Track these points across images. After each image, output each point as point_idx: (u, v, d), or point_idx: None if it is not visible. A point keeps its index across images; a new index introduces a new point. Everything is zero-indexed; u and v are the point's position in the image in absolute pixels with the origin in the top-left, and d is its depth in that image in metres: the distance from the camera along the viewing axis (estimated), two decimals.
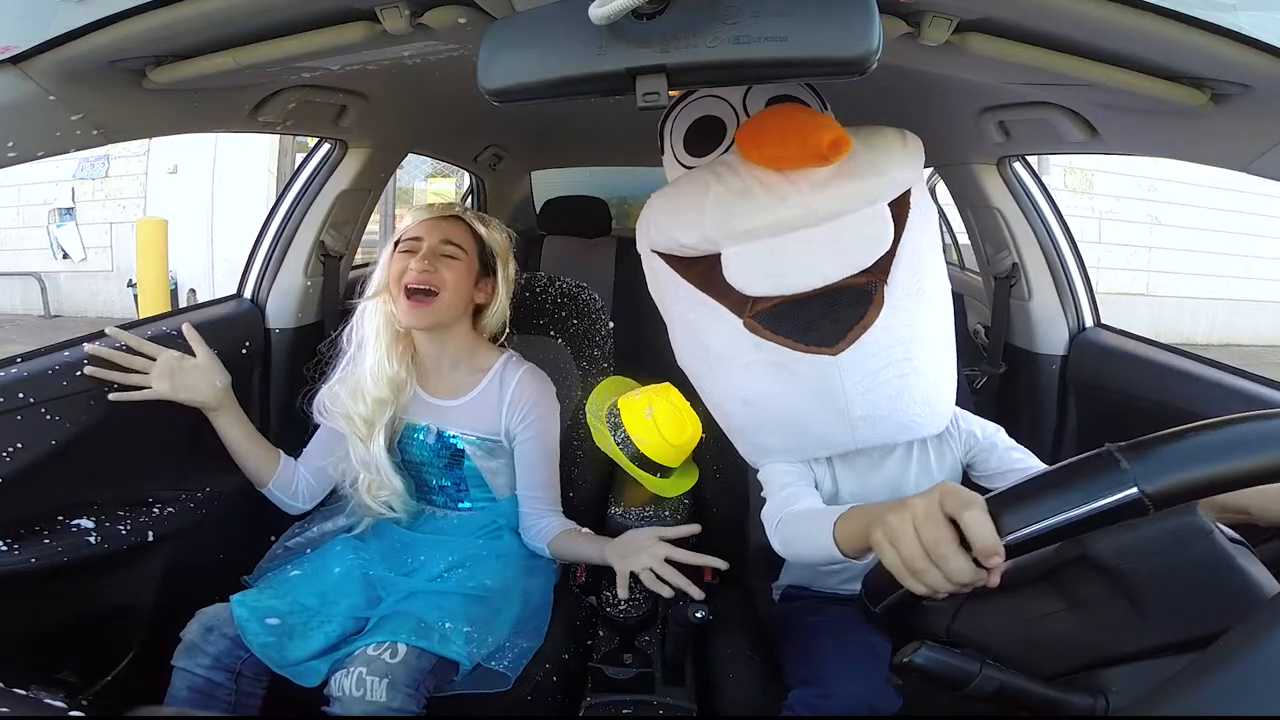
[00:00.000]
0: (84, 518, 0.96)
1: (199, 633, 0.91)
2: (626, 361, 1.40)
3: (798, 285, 0.80)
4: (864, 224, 0.79)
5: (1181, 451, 0.46)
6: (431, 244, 1.05)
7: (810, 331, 0.81)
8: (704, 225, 0.82)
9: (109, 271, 6.20)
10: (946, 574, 0.52)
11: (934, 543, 0.52)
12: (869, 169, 0.79)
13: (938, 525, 0.52)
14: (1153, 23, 0.57)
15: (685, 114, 0.94)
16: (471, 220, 1.12)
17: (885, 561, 0.56)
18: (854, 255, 0.80)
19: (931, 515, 0.53)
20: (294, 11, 0.67)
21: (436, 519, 1.14)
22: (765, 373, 0.84)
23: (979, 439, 0.94)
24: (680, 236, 0.85)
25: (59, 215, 6.23)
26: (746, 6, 0.55)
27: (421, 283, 1.02)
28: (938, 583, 0.52)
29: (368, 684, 0.84)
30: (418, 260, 1.03)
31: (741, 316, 0.84)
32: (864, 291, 0.81)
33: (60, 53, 0.67)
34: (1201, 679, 0.38)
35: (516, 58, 0.60)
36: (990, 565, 0.50)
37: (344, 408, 1.06)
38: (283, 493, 1.12)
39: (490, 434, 1.11)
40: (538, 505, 1.12)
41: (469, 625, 0.94)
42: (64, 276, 6.31)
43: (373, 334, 1.08)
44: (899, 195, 0.82)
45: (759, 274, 0.81)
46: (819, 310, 0.81)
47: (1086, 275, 1.36)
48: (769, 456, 0.95)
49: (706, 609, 0.96)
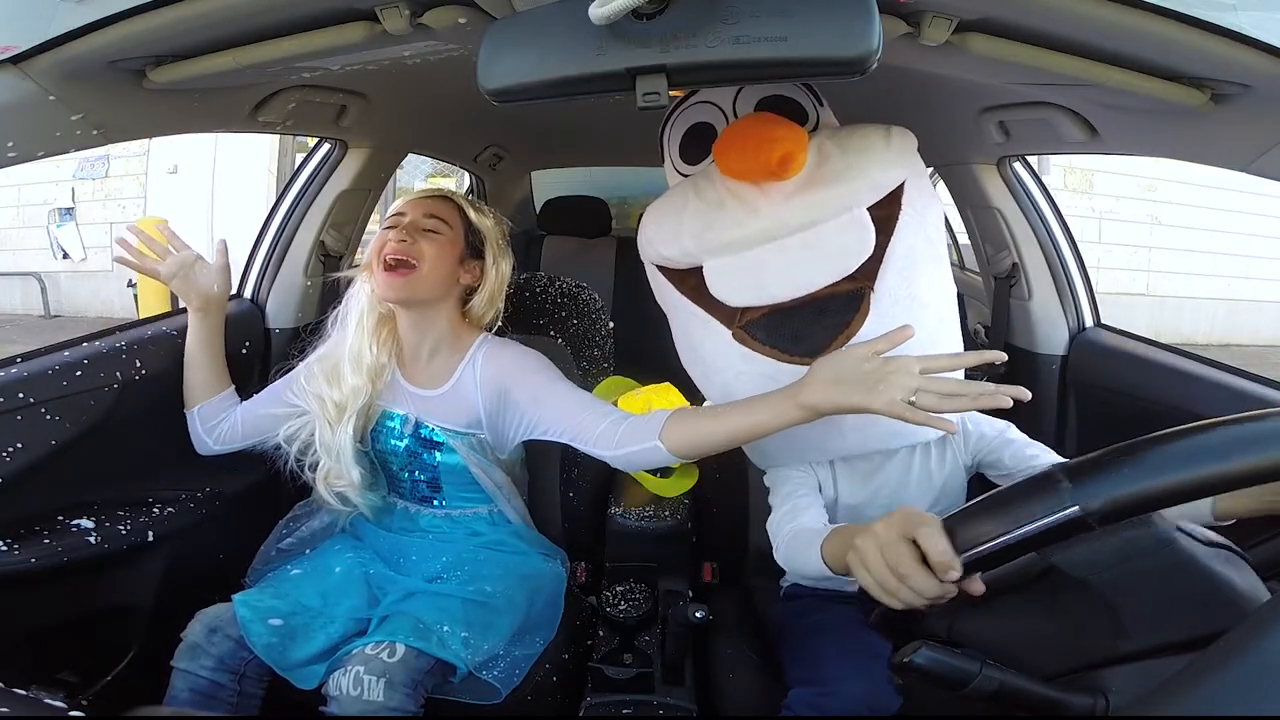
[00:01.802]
0: (84, 518, 0.96)
1: (202, 634, 0.91)
2: (626, 361, 1.40)
3: (779, 295, 0.80)
4: (839, 232, 0.79)
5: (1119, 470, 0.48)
6: (413, 218, 1.01)
7: (798, 341, 0.81)
8: (682, 239, 0.83)
9: (109, 271, 6.19)
10: (914, 590, 0.55)
11: (896, 562, 0.55)
12: (843, 174, 0.78)
13: (897, 546, 0.56)
14: (1153, 23, 0.57)
15: (681, 120, 0.94)
16: (459, 200, 1.08)
17: (861, 582, 0.59)
18: (831, 263, 0.79)
19: (890, 537, 0.57)
20: (294, 11, 0.67)
21: (411, 515, 1.11)
22: (754, 383, 0.84)
23: (988, 437, 0.93)
24: (664, 250, 0.86)
25: (59, 215, 6.23)
26: (746, 6, 0.55)
27: (399, 253, 0.97)
28: (909, 599, 0.55)
29: (365, 683, 0.83)
30: (396, 232, 0.99)
31: (730, 328, 0.83)
32: (851, 298, 0.79)
33: (60, 53, 0.67)
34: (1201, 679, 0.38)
35: (516, 58, 0.60)
36: (947, 579, 0.53)
37: (318, 388, 1.02)
38: (203, 422, 1.07)
39: (471, 427, 1.03)
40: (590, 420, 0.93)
41: (466, 630, 0.93)
42: (64, 276, 6.31)
43: (355, 315, 1.04)
44: (884, 196, 0.81)
45: (739, 286, 0.82)
46: (806, 319, 0.80)
47: (1086, 275, 1.36)
48: (771, 460, 0.96)
49: (706, 609, 0.96)
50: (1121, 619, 0.51)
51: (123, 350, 1.03)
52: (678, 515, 1.19)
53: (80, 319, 6.05)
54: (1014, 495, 0.52)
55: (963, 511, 0.55)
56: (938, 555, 0.52)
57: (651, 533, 1.18)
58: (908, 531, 0.56)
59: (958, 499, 0.96)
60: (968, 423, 0.94)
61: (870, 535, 0.59)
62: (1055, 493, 0.48)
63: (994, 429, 0.94)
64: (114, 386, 1.00)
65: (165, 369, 1.08)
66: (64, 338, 1.01)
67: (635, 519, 1.19)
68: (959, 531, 0.54)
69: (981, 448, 0.94)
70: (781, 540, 0.86)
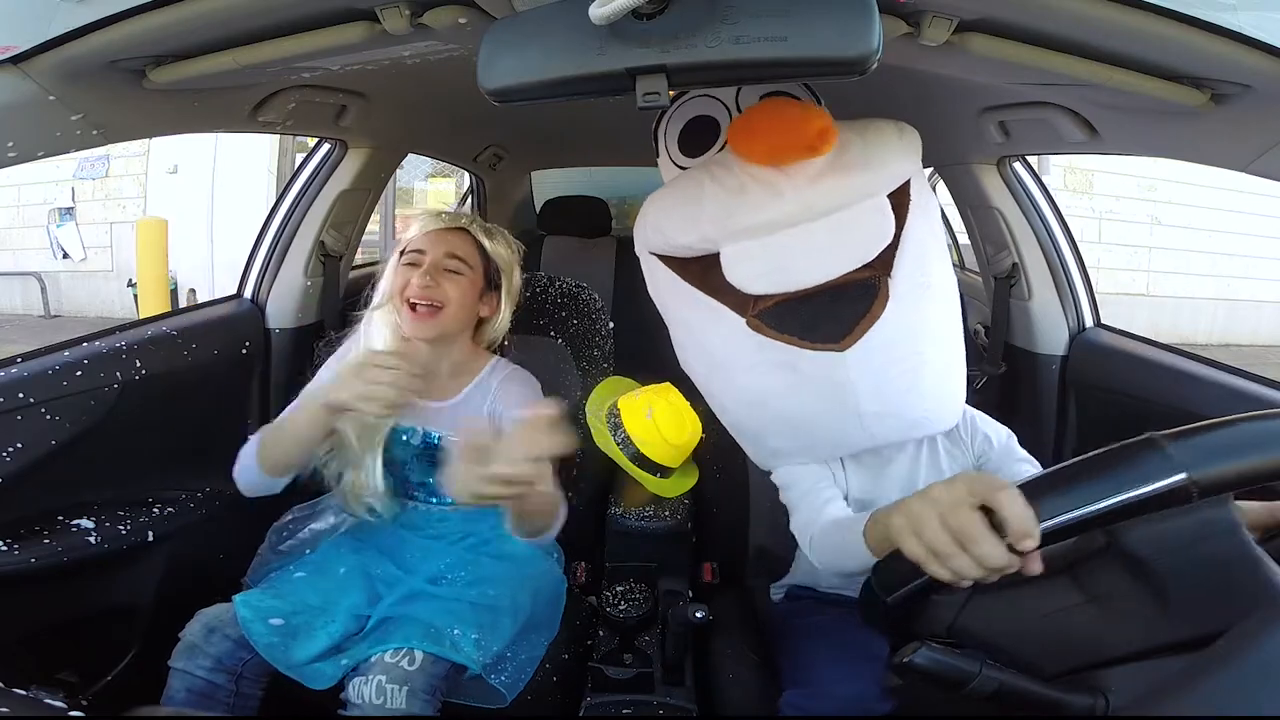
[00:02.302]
0: (84, 518, 0.96)
1: (201, 633, 0.90)
2: (626, 361, 1.40)
3: (801, 282, 0.79)
4: (864, 217, 0.79)
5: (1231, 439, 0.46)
6: (435, 258, 1.04)
7: (815, 329, 0.80)
8: (702, 224, 0.81)
9: (109, 271, 6.20)
10: (977, 559, 0.50)
11: (961, 527, 0.51)
12: (865, 162, 0.78)
13: (963, 511, 0.51)
14: (1153, 23, 0.57)
15: (679, 114, 0.94)
16: (477, 233, 1.10)
17: (906, 550, 0.54)
18: (856, 249, 0.79)
19: (959, 500, 0.52)
20: (294, 11, 0.67)
21: (420, 512, 1.12)
22: (770, 373, 0.83)
23: (993, 445, 0.92)
24: (678, 237, 0.85)
25: (59, 215, 6.24)
26: (746, 6, 0.55)
27: (424, 299, 1.01)
28: (964, 567, 0.51)
29: (388, 692, 0.84)
30: (420, 275, 1.02)
31: (744, 316, 0.82)
32: (868, 286, 0.79)
33: (60, 53, 0.67)
34: (1201, 679, 0.38)
35: (516, 58, 0.60)
36: (1024, 549, 0.49)
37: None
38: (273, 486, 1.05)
39: None
40: None
41: (477, 632, 0.94)
42: (64, 276, 6.31)
43: (387, 342, 1.06)
44: (898, 187, 0.81)
45: (759, 271, 0.80)
46: (823, 307, 0.80)
47: (1086, 275, 1.36)
48: (780, 460, 0.94)
49: (706, 609, 0.95)
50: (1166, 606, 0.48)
51: (123, 350, 1.03)
52: (678, 515, 1.19)
53: (80, 319, 6.05)
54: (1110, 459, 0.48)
55: (1049, 475, 0.51)
56: (1020, 521, 0.48)
57: (651, 533, 1.18)
58: (981, 495, 0.51)
59: None
60: (976, 421, 0.94)
61: (928, 500, 0.54)
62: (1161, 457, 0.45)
63: (998, 439, 0.93)
64: (114, 386, 1.00)
65: (165, 369, 1.09)
66: (64, 338, 1.01)
67: (635, 519, 1.19)
68: (1041, 499, 0.49)
69: (985, 450, 0.93)
70: (816, 534, 0.83)
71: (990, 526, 0.50)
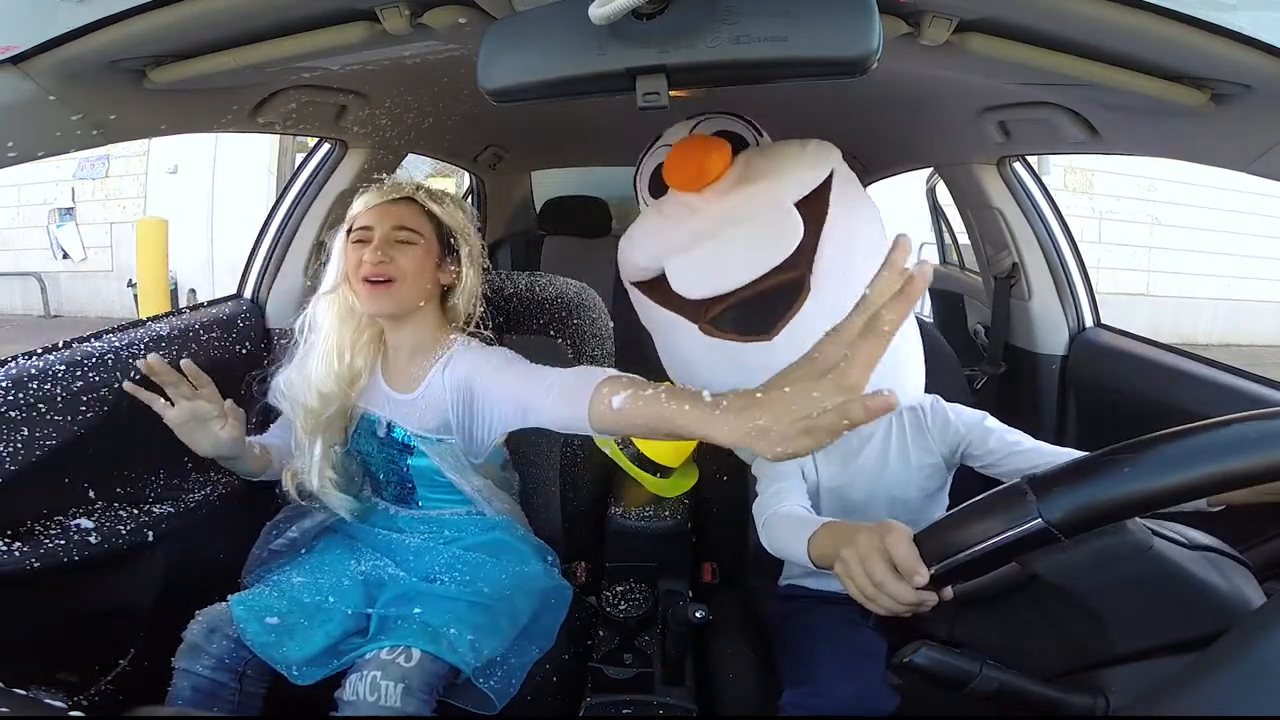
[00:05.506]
0: (84, 518, 0.96)
1: (202, 633, 0.91)
2: (627, 361, 1.38)
3: (731, 283, 0.91)
4: (771, 221, 0.90)
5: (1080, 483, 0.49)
6: (383, 232, 0.98)
7: (749, 325, 0.92)
8: (648, 246, 0.98)
9: (109, 271, 6.21)
10: (891, 596, 0.59)
11: (871, 570, 0.60)
12: (766, 174, 0.92)
13: (872, 556, 0.60)
14: (1153, 23, 0.57)
15: (650, 160, 1.07)
16: (425, 201, 1.04)
17: (848, 591, 0.64)
18: (770, 250, 0.90)
19: (871, 549, 0.61)
20: (294, 11, 0.68)
21: (390, 515, 1.10)
22: (720, 368, 0.94)
23: (961, 431, 0.95)
24: (639, 261, 1.00)
25: (59, 215, 6.24)
26: (746, 6, 0.55)
27: (378, 274, 0.96)
28: (889, 605, 0.60)
29: (382, 688, 0.83)
30: (370, 251, 0.96)
31: (698, 323, 0.95)
32: (794, 283, 0.90)
33: (60, 53, 0.67)
34: (1201, 679, 0.38)
35: (516, 58, 0.60)
36: (917, 585, 0.56)
37: (295, 394, 1.01)
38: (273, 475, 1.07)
39: (441, 432, 1.01)
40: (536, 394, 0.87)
41: (473, 633, 0.93)
42: (64, 276, 6.32)
43: (333, 326, 1.02)
44: (810, 192, 0.92)
45: (695, 278, 0.93)
46: (756, 306, 0.91)
47: (1086, 275, 1.36)
48: None
49: (706, 609, 0.95)
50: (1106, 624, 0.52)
51: (123, 350, 1.03)
52: (678, 515, 1.19)
53: (80, 319, 6.06)
54: (981, 509, 0.54)
55: (934, 525, 0.58)
56: (904, 562, 0.57)
57: (651, 533, 1.18)
58: (880, 542, 0.60)
59: (940, 484, 0.98)
60: (947, 412, 0.97)
61: (852, 546, 0.63)
62: (1021, 505, 0.50)
63: (963, 420, 0.96)
64: (114, 386, 1.00)
65: None
66: (64, 338, 1.01)
67: (635, 519, 1.19)
68: (929, 544, 0.57)
69: (959, 439, 0.95)
70: (766, 522, 0.89)
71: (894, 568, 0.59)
